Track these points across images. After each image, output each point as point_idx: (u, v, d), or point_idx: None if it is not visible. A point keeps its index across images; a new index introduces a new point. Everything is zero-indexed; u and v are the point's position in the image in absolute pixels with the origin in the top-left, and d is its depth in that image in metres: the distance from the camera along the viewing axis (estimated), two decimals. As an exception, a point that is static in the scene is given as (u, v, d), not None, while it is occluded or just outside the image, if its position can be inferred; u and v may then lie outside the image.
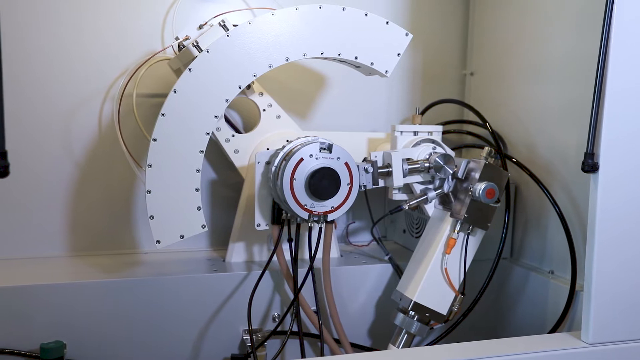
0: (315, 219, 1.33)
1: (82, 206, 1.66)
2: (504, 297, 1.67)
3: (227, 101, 1.35)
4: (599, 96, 1.11)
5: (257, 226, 1.40)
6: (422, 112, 1.75)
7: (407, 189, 1.47)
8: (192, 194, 1.34)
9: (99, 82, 1.63)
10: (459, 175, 1.35)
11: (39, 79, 1.59)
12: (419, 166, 1.41)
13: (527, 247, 1.64)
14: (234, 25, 1.41)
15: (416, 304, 1.34)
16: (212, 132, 1.37)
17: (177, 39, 1.53)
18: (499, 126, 1.73)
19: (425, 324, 1.36)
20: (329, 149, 1.32)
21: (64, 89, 1.61)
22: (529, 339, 1.21)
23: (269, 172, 1.36)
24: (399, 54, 1.47)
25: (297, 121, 1.72)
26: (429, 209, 1.47)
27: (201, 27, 1.54)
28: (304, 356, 1.41)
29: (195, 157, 1.33)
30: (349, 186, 1.34)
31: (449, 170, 1.37)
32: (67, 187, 1.64)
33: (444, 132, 1.59)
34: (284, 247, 1.42)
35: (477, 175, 1.32)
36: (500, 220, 1.54)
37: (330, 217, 1.34)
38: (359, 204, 1.53)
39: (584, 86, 1.36)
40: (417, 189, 1.45)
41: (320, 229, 1.36)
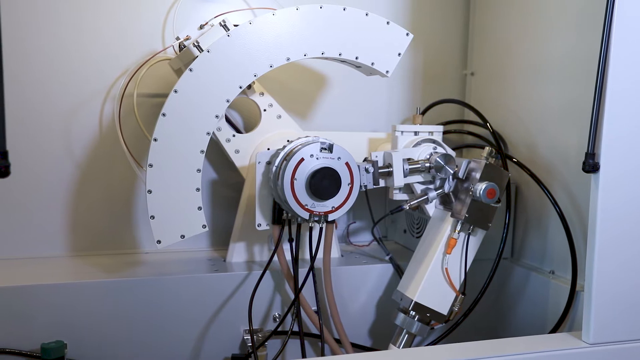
0: (315, 219, 1.33)
1: (82, 206, 1.66)
2: (504, 297, 1.67)
3: (228, 101, 1.35)
4: (599, 96, 1.11)
5: (257, 226, 1.40)
6: (423, 112, 1.75)
7: (407, 189, 1.47)
8: (193, 194, 1.34)
9: (100, 82, 1.63)
10: (460, 175, 1.36)
11: (40, 79, 1.59)
12: (419, 166, 1.41)
13: (528, 247, 1.64)
14: (235, 25, 1.41)
15: (417, 304, 1.34)
16: (212, 132, 1.37)
17: (178, 39, 1.53)
18: (500, 126, 1.73)
19: (426, 324, 1.36)
20: (330, 149, 1.32)
21: (65, 89, 1.61)
22: (530, 339, 1.21)
23: (269, 172, 1.36)
24: (399, 54, 1.47)
25: (298, 121, 1.72)
26: (430, 209, 1.47)
27: (202, 27, 1.54)
28: (304, 356, 1.41)
29: (196, 157, 1.33)
30: (350, 186, 1.34)
31: (450, 170, 1.37)
32: (68, 187, 1.64)
33: (444, 132, 1.59)
34: (285, 247, 1.42)
35: (477, 175, 1.32)
36: (500, 220, 1.54)
37: (330, 217, 1.34)
38: (360, 204, 1.53)
39: (585, 86, 1.36)
40: (418, 189, 1.45)
41: (320, 229, 1.36)
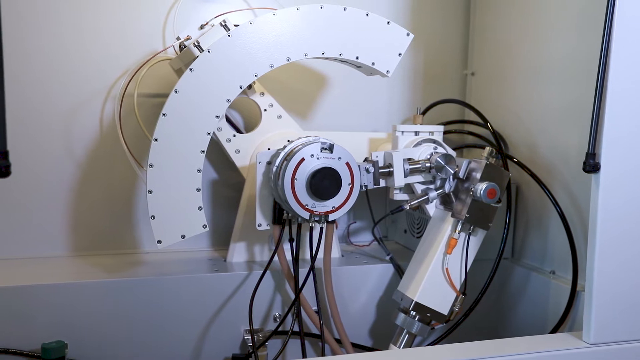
0: (316, 219, 1.33)
1: (83, 206, 1.66)
2: (505, 297, 1.67)
3: (228, 101, 1.35)
4: (600, 96, 1.11)
5: (258, 226, 1.40)
6: (423, 112, 1.74)
7: (408, 189, 1.47)
8: (194, 194, 1.34)
9: (100, 82, 1.63)
10: (460, 175, 1.36)
11: (40, 79, 1.59)
12: (420, 166, 1.41)
13: (528, 247, 1.64)
14: (235, 25, 1.41)
15: (417, 304, 1.34)
16: (213, 132, 1.37)
17: (179, 39, 1.53)
18: (500, 126, 1.73)
19: (426, 324, 1.36)
20: (330, 149, 1.32)
21: (65, 89, 1.61)
22: (531, 339, 1.21)
23: (270, 172, 1.36)
24: (400, 54, 1.47)
25: (298, 121, 1.72)
26: (430, 209, 1.47)
27: (202, 27, 1.54)
28: (305, 356, 1.41)
29: (196, 157, 1.33)
30: (350, 186, 1.34)
31: (450, 170, 1.37)
32: (69, 187, 1.64)
33: (445, 132, 1.59)
34: (285, 247, 1.42)
35: (478, 175, 1.32)
36: (501, 220, 1.54)
37: (331, 217, 1.34)
38: (360, 204, 1.53)
39: (585, 86, 1.36)
40: (418, 189, 1.45)
41: (321, 229, 1.36)
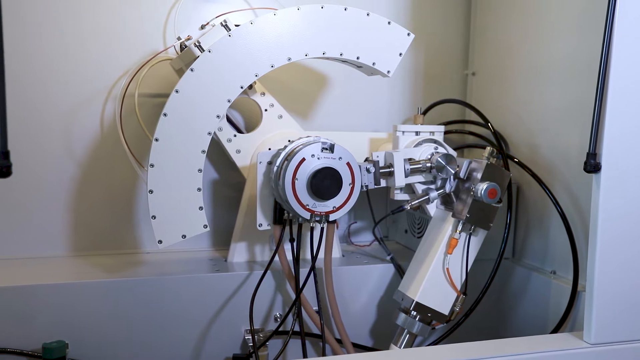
0: (317, 218, 1.33)
1: (84, 206, 1.66)
2: (505, 297, 1.67)
3: (229, 101, 1.35)
4: (601, 96, 1.11)
5: (258, 226, 1.40)
6: (424, 112, 1.75)
7: (409, 189, 1.47)
8: (194, 194, 1.34)
9: (101, 82, 1.63)
10: (461, 175, 1.36)
11: (41, 79, 1.59)
12: (420, 166, 1.41)
13: (529, 247, 1.64)
14: (236, 25, 1.41)
15: (418, 304, 1.34)
16: (214, 132, 1.37)
17: (179, 39, 1.54)
18: (501, 126, 1.73)
19: (427, 324, 1.36)
20: (331, 149, 1.32)
21: (66, 89, 1.61)
22: (531, 339, 1.21)
23: (270, 172, 1.36)
24: (400, 54, 1.47)
25: (299, 121, 1.72)
26: (431, 209, 1.47)
27: (203, 27, 1.54)
28: (305, 356, 1.41)
29: (197, 157, 1.33)
30: (351, 186, 1.34)
31: (451, 170, 1.37)
32: (69, 187, 1.64)
33: (445, 132, 1.59)
34: (286, 247, 1.42)
35: (479, 175, 1.32)
36: (502, 220, 1.54)
37: (332, 217, 1.34)
38: (361, 204, 1.53)
39: (586, 87, 1.36)
40: (419, 189, 1.45)
41: (322, 229, 1.36)
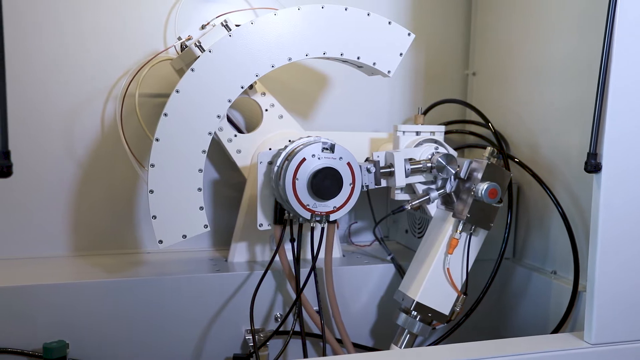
0: (317, 218, 1.33)
1: (84, 206, 1.66)
2: (506, 297, 1.67)
3: (230, 101, 1.35)
4: (601, 96, 1.11)
5: (259, 226, 1.40)
6: (425, 112, 1.75)
7: (409, 189, 1.47)
8: (195, 194, 1.34)
9: (102, 82, 1.63)
10: (462, 175, 1.35)
11: (41, 79, 1.59)
12: (421, 166, 1.41)
13: (530, 247, 1.64)
14: (237, 25, 1.41)
15: (418, 304, 1.34)
16: (214, 132, 1.37)
17: (180, 39, 1.54)
18: (501, 126, 1.73)
19: (427, 324, 1.36)
20: (332, 149, 1.32)
21: (66, 89, 1.61)
22: (532, 339, 1.20)
23: (271, 172, 1.36)
24: (401, 54, 1.47)
25: (300, 121, 1.72)
26: (432, 209, 1.47)
27: (203, 27, 1.54)
28: (306, 356, 1.41)
29: (197, 157, 1.33)
30: (351, 186, 1.34)
31: (452, 170, 1.37)
32: (70, 187, 1.64)
33: (446, 132, 1.59)
34: (286, 247, 1.42)
35: (479, 175, 1.32)
36: (502, 220, 1.54)
37: (332, 217, 1.34)
38: (361, 204, 1.53)
39: (587, 87, 1.36)
40: (420, 189, 1.45)
41: (322, 229, 1.36)
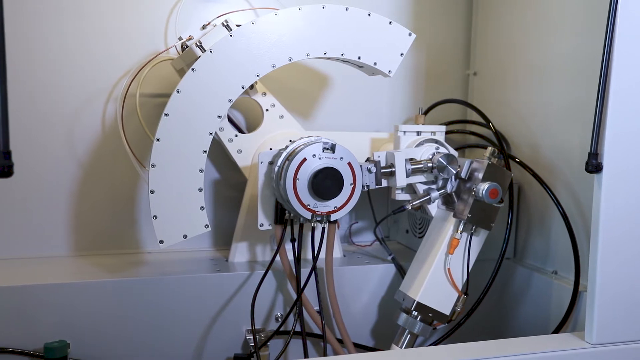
0: (318, 219, 1.33)
1: (85, 206, 1.66)
2: (507, 297, 1.67)
3: (230, 101, 1.35)
4: (602, 96, 1.11)
5: (260, 226, 1.40)
6: (425, 112, 1.75)
7: (410, 189, 1.47)
8: (195, 194, 1.34)
9: (102, 82, 1.63)
10: (462, 175, 1.35)
11: (42, 79, 1.59)
12: (422, 166, 1.41)
13: (531, 248, 1.64)
14: (237, 25, 1.41)
15: (419, 304, 1.34)
16: (215, 132, 1.37)
17: (181, 39, 1.54)
18: (502, 126, 1.73)
19: (428, 324, 1.36)
20: (332, 149, 1.32)
21: (67, 89, 1.61)
22: (533, 340, 1.20)
23: (272, 172, 1.36)
24: (402, 54, 1.47)
25: (300, 121, 1.72)
26: (432, 209, 1.47)
27: (204, 27, 1.54)
28: (306, 356, 1.41)
29: (198, 157, 1.33)
30: (352, 186, 1.34)
31: (452, 170, 1.37)
32: (71, 187, 1.64)
33: (447, 132, 1.59)
34: (287, 247, 1.42)
35: (480, 175, 1.32)
36: (503, 220, 1.54)
37: (333, 217, 1.34)
38: (362, 204, 1.53)
39: (588, 86, 1.36)
40: (420, 189, 1.45)
41: (323, 229, 1.36)
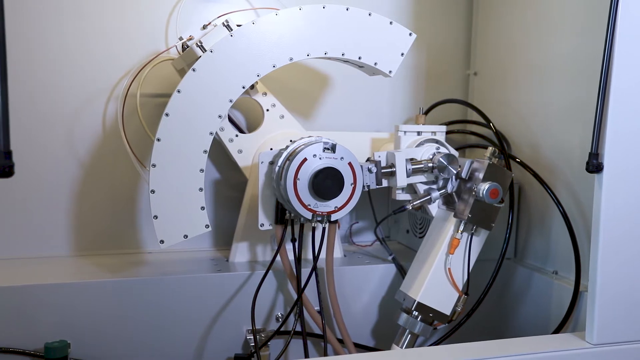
0: (318, 219, 1.33)
1: (85, 206, 1.66)
2: (507, 297, 1.67)
3: (231, 101, 1.35)
4: (603, 96, 1.11)
5: (260, 226, 1.40)
6: (426, 112, 1.75)
7: (410, 189, 1.47)
8: (196, 194, 1.34)
9: (103, 82, 1.63)
10: (463, 175, 1.35)
11: (43, 79, 1.59)
12: (422, 166, 1.40)
13: (531, 248, 1.64)
14: (238, 25, 1.41)
15: (420, 304, 1.34)
16: (215, 132, 1.37)
17: (181, 39, 1.54)
18: (503, 126, 1.73)
19: (428, 324, 1.36)
20: (333, 149, 1.32)
21: (68, 89, 1.61)
22: (533, 340, 1.20)
23: (272, 172, 1.36)
24: (402, 54, 1.47)
25: (301, 121, 1.72)
26: (433, 209, 1.47)
27: (205, 27, 1.54)
28: (307, 356, 1.41)
29: (198, 157, 1.34)
30: (353, 186, 1.34)
31: (453, 170, 1.37)
32: (71, 187, 1.64)
33: (447, 132, 1.59)
34: (287, 247, 1.42)
35: (480, 175, 1.32)
36: (504, 220, 1.54)
37: (333, 217, 1.34)
38: (363, 204, 1.53)
39: (588, 86, 1.36)
40: (421, 189, 1.45)
41: (323, 229, 1.36)
